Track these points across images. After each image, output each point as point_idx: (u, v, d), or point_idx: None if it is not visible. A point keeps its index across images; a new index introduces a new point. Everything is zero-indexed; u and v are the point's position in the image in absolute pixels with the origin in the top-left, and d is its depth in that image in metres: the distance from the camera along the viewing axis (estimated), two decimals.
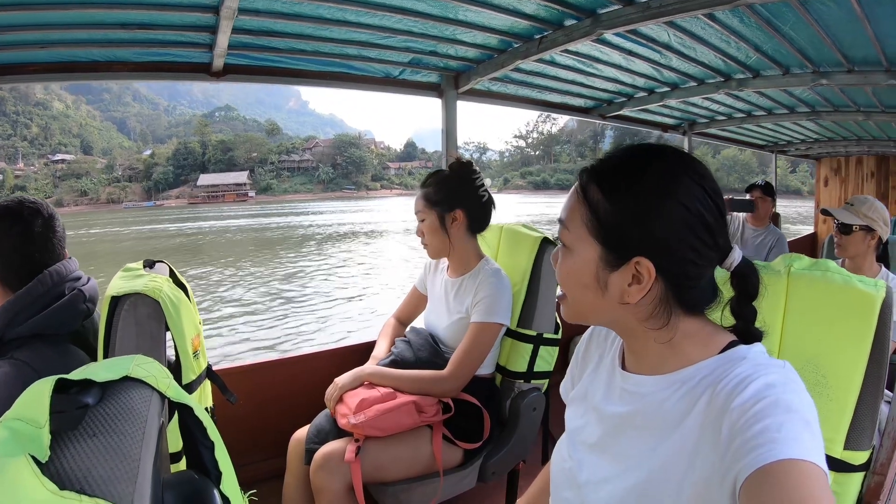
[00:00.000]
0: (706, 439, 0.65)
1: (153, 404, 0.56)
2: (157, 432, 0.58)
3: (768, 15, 1.88)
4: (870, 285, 0.99)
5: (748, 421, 0.59)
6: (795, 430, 0.57)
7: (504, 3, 1.88)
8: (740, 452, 0.58)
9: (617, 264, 0.71)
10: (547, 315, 1.88)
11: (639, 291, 0.70)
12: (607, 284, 0.72)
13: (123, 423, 0.48)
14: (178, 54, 2.05)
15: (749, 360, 0.67)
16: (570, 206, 0.75)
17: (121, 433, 0.46)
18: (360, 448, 1.55)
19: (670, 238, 0.68)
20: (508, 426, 1.85)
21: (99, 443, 0.43)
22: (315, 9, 1.81)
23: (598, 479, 0.78)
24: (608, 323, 0.78)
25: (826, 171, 6.86)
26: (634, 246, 0.69)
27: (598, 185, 0.72)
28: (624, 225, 0.70)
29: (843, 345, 0.98)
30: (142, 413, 0.52)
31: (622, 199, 0.70)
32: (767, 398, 0.60)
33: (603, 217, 0.71)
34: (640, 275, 0.69)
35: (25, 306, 1.21)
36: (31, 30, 1.66)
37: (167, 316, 1.26)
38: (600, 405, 0.83)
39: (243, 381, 1.90)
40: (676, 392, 0.71)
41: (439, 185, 1.79)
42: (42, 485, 0.35)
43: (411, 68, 2.56)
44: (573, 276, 0.75)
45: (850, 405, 0.96)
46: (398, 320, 2.09)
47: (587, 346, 0.95)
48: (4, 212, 1.26)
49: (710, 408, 0.66)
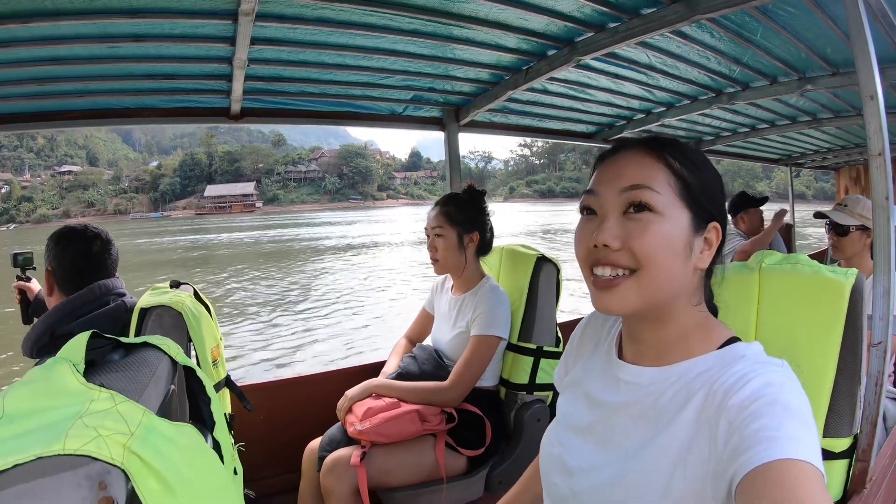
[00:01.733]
0: (701, 435, 0.65)
1: (164, 362, 0.74)
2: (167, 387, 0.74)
3: (734, 27, 1.99)
4: (839, 273, 1.02)
5: (746, 419, 0.60)
6: (793, 429, 0.57)
7: (489, 40, 2.05)
8: (737, 450, 0.58)
9: (701, 228, 0.73)
10: (546, 328, 1.97)
11: (709, 255, 0.74)
12: (692, 250, 0.72)
13: (138, 366, 0.66)
14: (199, 100, 2.28)
15: (748, 359, 0.68)
16: (648, 172, 0.72)
17: (135, 370, 0.64)
18: (366, 453, 1.64)
19: (724, 206, 0.77)
20: (514, 437, 1.91)
21: (119, 374, 0.61)
22: (318, 55, 2.01)
23: (587, 466, 0.78)
24: (667, 300, 0.73)
25: (846, 181, 6.73)
26: (711, 210, 0.74)
27: (675, 156, 0.73)
28: (706, 192, 0.73)
29: (816, 333, 1.01)
30: (153, 363, 0.70)
31: (698, 168, 0.74)
32: (766, 397, 0.61)
33: (692, 184, 0.72)
34: (711, 239, 0.74)
35: (75, 308, 1.44)
36: (71, 81, 1.90)
37: (189, 326, 1.43)
38: (593, 392, 0.83)
39: (260, 397, 2.01)
40: (673, 385, 0.72)
41: (461, 206, 1.94)
42: (76, 379, 0.52)
43: (414, 104, 2.74)
44: (667, 242, 0.70)
45: (826, 392, 0.99)
46: (408, 339, 2.21)
47: (582, 334, 0.96)
48: (71, 232, 1.52)
49: (706, 404, 0.67)
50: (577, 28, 1.94)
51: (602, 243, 0.71)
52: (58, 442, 0.41)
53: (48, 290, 1.52)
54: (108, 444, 0.43)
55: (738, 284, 1.12)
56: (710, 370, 0.70)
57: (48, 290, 1.52)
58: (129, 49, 1.74)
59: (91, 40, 1.63)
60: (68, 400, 0.47)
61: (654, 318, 0.75)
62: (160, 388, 0.68)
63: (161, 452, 0.48)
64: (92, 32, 1.60)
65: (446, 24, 1.83)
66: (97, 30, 1.59)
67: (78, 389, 0.50)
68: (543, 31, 1.98)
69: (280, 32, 1.76)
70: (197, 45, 1.75)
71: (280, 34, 1.78)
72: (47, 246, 1.51)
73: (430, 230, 1.94)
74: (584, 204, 0.77)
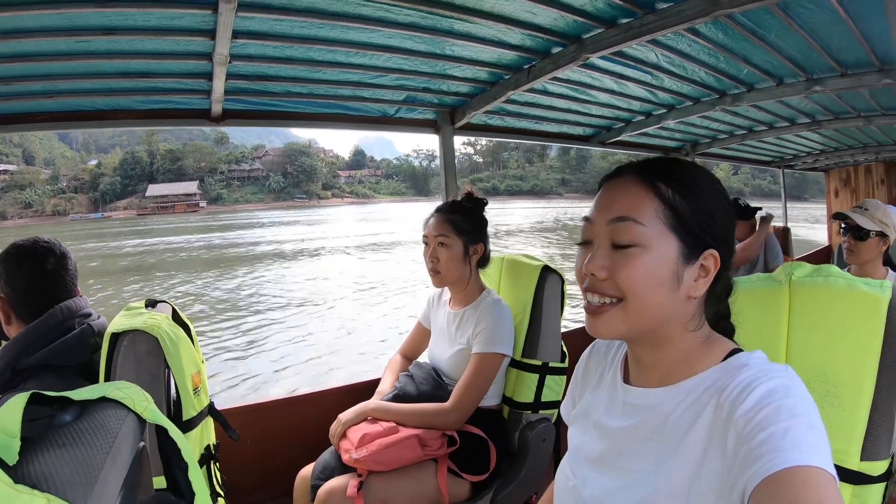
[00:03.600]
0: (713, 449, 0.65)
1: (127, 423, 0.61)
2: (134, 451, 0.60)
3: (751, 24, 1.90)
4: (874, 287, 0.97)
5: (753, 430, 0.60)
6: (800, 435, 0.57)
7: (490, 35, 1.93)
8: (747, 462, 0.58)
9: (692, 258, 0.72)
10: (552, 344, 1.87)
11: (705, 284, 0.73)
12: (682, 279, 0.72)
13: (92, 436, 0.53)
14: (178, 101, 2.12)
15: (751, 367, 0.68)
16: (635, 202, 0.72)
17: (88, 445, 0.51)
18: (363, 483, 1.54)
19: (725, 230, 0.74)
20: (518, 458, 1.82)
21: (66, 453, 0.48)
22: (306, 51, 1.87)
23: (602, 494, 0.77)
24: (656, 327, 0.74)
25: (835, 183, 6.80)
26: (706, 238, 0.72)
27: (666, 182, 0.72)
28: (700, 219, 0.72)
29: (852, 351, 0.95)
30: (112, 429, 0.57)
31: (694, 195, 0.72)
32: (770, 405, 0.61)
33: (682, 212, 0.71)
34: (707, 267, 0.73)
35: (37, 338, 1.27)
36: (37, 80, 1.74)
37: (166, 353, 1.28)
38: (602, 420, 0.83)
39: (247, 421, 1.89)
40: (681, 403, 0.72)
41: (467, 215, 1.83)
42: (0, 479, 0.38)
43: (407, 106, 2.61)
44: (651, 274, 0.70)
45: (864, 414, 0.93)
46: (403, 356, 2.10)
47: (587, 364, 0.96)
48: (19, 250, 1.33)
49: (715, 418, 0.67)
50: (587, 23, 1.83)
51: (590, 273, 0.74)
52: None
53: (5, 320, 1.35)
54: None
55: (765, 299, 1.06)
56: (716, 383, 0.70)
57: (5, 320, 1.35)
58: (100, 44, 1.59)
59: (57, 34, 1.48)
60: None
61: (650, 342, 0.76)
62: (122, 462, 0.56)
63: None
64: (58, 25, 1.45)
65: (447, 18, 1.71)
66: (63, 21, 1.44)
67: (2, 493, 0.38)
68: (550, 26, 1.87)
69: (265, 25, 1.62)
70: (174, 39, 1.59)
71: (265, 27, 1.63)
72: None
73: (431, 238, 1.82)
74: (582, 236, 0.79)
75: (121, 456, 0.55)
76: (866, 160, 6.13)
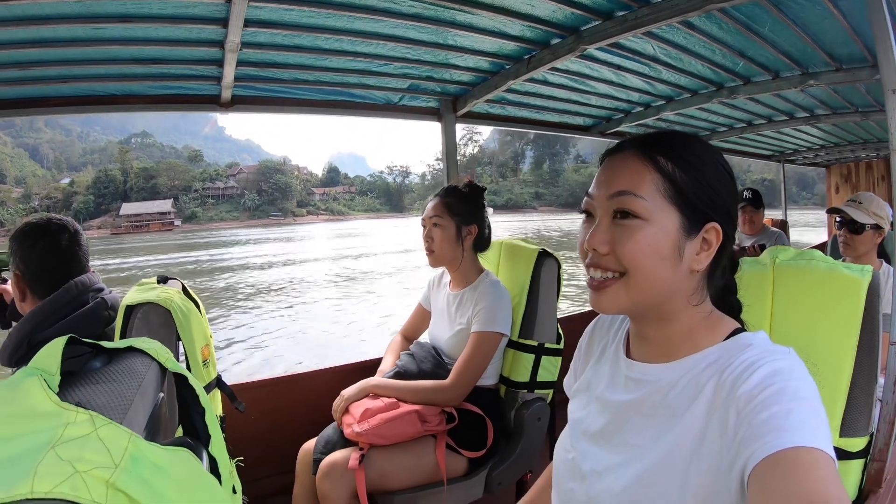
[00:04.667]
0: (713, 426, 0.65)
1: (152, 369, 0.66)
2: (156, 397, 0.66)
3: (744, 18, 1.94)
4: (855, 270, 0.99)
5: (755, 408, 0.59)
6: (803, 417, 0.57)
7: (491, 26, 1.98)
8: (747, 440, 0.58)
9: (694, 231, 0.71)
10: (548, 325, 1.92)
11: (707, 257, 0.72)
12: (683, 252, 0.71)
13: (123, 376, 0.58)
14: (188, 87, 2.18)
15: (755, 347, 0.68)
16: (635, 177, 0.71)
17: (119, 382, 0.56)
18: (364, 456, 1.58)
19: (728, 204, 0.73)
20: (514, 437, 1.86)
21: (100, 387, 0.53)
22: (313, 40, 1.93)
23: (601, 469, 0.77)
24: (659, 301, 0.73)
25: (836, 179, 6.78)
26: (708, 210, 0.71)
27: (665, 156, 0.71)
28: (701, 192, 0.71)
29: (832, 331, 0.98)
30: (140, 372, 0.62)
31: (694, 168, 0.71)
32: (774, 385, 0.60)
33: (682, 185, 0.70)
34: (710, 240, 0.72)
35: (52, 312, 1.32)
36: (53, 65, 1.79)
37: (177, 324, 1.34)
38: (604, 394, 0.83)
39: (253, 397, 1.94)
40: (682, 379, 0.71)
41: (462, 198, 1.88)
42: (48, 397, 0.43)
43: (410, 94, 2.66)
44: (653, 247, 0.69)
45: (843, 391, 0.97)
46: (404, 337, 2.15)
47: (590, 339, 0.95)
48: (33, 228, 1.37)
49: (716, 395, 0.66)
50: (584, 16, 1.88)
51: (592, 247, 0.73)
52: (24, 482, 0.34)
53: (20, 296, 1.39)
54: (86, 482, 0.36)
55: (751, 280, 1.09)
56: (718, 360, 0.69)
57: (20, 296, 1.39)
58: (116, 31, 1.64)
59: (75, 21, 1.53)
60: (38, 424, 0.40)
61: (654, 317, 0.75)
62: (147, 400, 0.61)
63: (152, 487, 0.41)
64: (76, 12, 1.50)
65: (449, 9, 1.76)
66: (82, 9, 1.49)
67: (50, 410, 0.42)
68: (549, 18, 1.91)
69: (275, 14, 1.68)
70: (187, 27, 1.65)
71: (275, 16, 1.69)
72: (10, 248, 1.37)
73: (427, 220, 1.88)
74: (583, 207, 0.78)
75: (147, 395, 0.61)
76: (867, 156, 6.11)
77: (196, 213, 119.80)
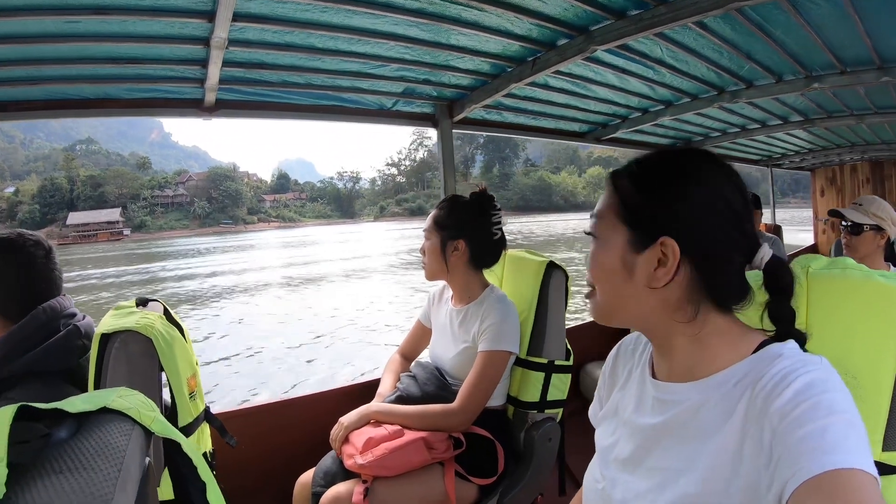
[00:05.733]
0: (749, 444, 0.63)
1: (134, 439, 0.50)
2: (141, 471, 0.51)
3: (759, 19, 1.88)
4: (891, 279, 0.95)
5: (789, 426, 0.57)
6: (840, 434, 0.54)
7: (497, 25, 1.88)
8: (784, 462, 0.56)
9: (643, 245, 0.71)
10: (557, 341, 1.83)
11: (665, 274, 0.70)
12: (634, 268, 0.72)
13: (97, 459, 0.43)
14: (169, 90, 2.02)
15: (785, 357, 0.65)
16: (603, 201, 0.78)
17: (93, 470, 0.41)
18: (369, 489, 1.48)
19: (693, 218, 0.70)
20: (524, 459, 1.77)
21: (66, 480, 0.38)
22: (306, 38, 1.80)
23: (633, 496, 0.75)
24: (636, 318, 0.76)
25: (821, 182, 6.90)
26: (659, 226, 0.70)
27: (627, 177, 0.75)
28: (649, 206, 0.71)
29: (871, 342, 0.93)
30: (119, 448, 0.47)
31: (648, 184, 0.73)
32: (808, 401, 0.58)
33: (630, 202, 0.73)
34: (666, 256, 0.70)
35: (19, 342, 1.16)
36: (23, 65, 1.64)
37: (160, 354, 1.20)
38: (632, 418, 0.81)
39: (244, 425, 1.81)
40: (712, 397, 0.69)
41: (451, 211, 1.79)
42: None
43: (405, 98, 2.55)
44: (601, 262, 0.75)
45: (885, 404, 0.91)
46: (403, 356, 2.03)
47: (614, 364, 0.94)
48: (7, 243, 1.22)
49: (749, 411, 0.64)
50: (597, 14, 1.78)
51: None
52: None
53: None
54: None
55: None
56: (748, 375, 0.67)
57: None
58: (90, 25, 1.49)
59: (46, 12, 1.38)
60: None
61: (650, 334, 0.78)
62: (131, 488, 0.47)
63: None
64: (47, 3, 1.35)
65: (455, 4, 1.65)
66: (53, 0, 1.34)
67: None
68: (560, 16, 1.82)
69: (266, 7, 1.54)
70: (169, 21, 1.50)
71: (266, 9, 1.55)
72: None
73: (424, 233, 1.83)
74: None
75: (130, 480, 0.47)
76: (852, 159, 6.21)
77: (145, 222, 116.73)
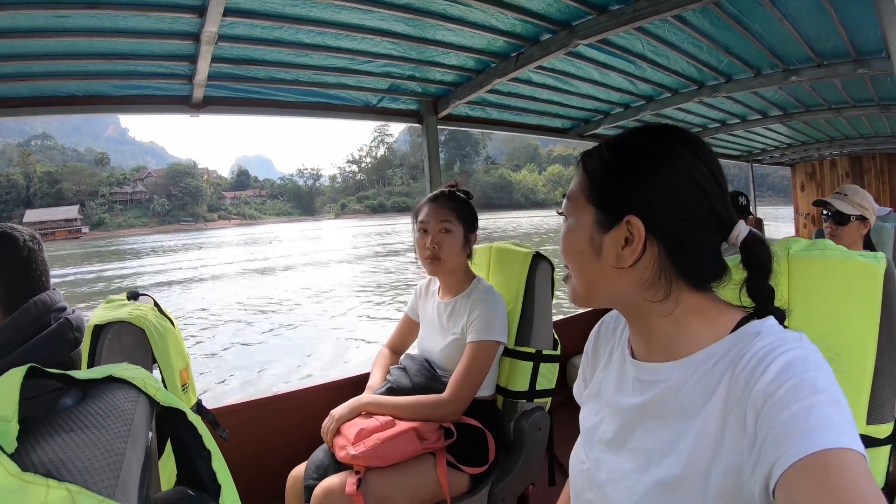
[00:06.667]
0: (731, 426, 0.62)
1: (140, 406, 0.50)
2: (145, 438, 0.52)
3: (737, 13, 1.93)
4: (869, 257, 0.98)
5: (773, 407, 0.57)
6: (825, 413, 0.54)
7: (482, 20, 1.90)
8: (769, 444, 0.55)
9: (609, 225, 0.71)
10: (545, 331, 1.85)
11: (631, 253, 0.69)
12: (601, 247, 0.71)
13: (106, 419, 0.43)
14: (158, 86, 2.02)
15: (764, 335, 0.65)
16: (574, 181, 0.77)
17: (104, 428, 0.41)
18: (362, 480, 1.48)
19: (659, 198, 0.69)
20: (514, 449, 1.79)
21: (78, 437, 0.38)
22: (294, 33, 1.81)
23: (618, 476, 0.75)
24: (611, 298, 0.76)
25: (801, 177, 7.02)
26: (624, 205, 0.70)
27: (596, 157, 0.74)
28: (614, 185, 0.71)
29: (852, 319, 0.96)
30: (127, 411, 0.46)
31: (614, 163, 0.72)
32: (791, 381, 0.57)
33: (598, 182, 0.73)
34: (632, 235, 0.69)
35: (11, 336, 1.17)
36: (11, 61, 1.63)
37: (153, 345, 1.20)
38: (614, 399, 0.81)
39: (235, 421, 1.80)
40: (692, 377, 0.68)
41: (467, 205, 1.80)
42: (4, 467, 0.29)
43: (390, 95, 2.57)
44: (570, 242, 0.75)
45: (868, 379, 0.95)
46: (391, 350, 2.03)
47: (595, 342, 0.94)
48: (8, 237, 1.23)
49: (731, 392, 0.63)
50: (580, 8, 1.82)
51: None
52: None
53: None
54: None
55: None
56: (728, 354, 0.66)
57: None
58: (81, 20, 1.49)
59: (36, 6, 1.37)
60: None
61: (625, 312, 0.78)
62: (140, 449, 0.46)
63: None
64: None
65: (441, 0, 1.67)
66: None
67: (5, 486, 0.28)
68: (543, 11, 1.85)
69: (257, 2, 1.56)
70: (159, 16, 1.51)
71: (257, 4, 1.57)
72: None
73: (432, 224, 1.75)
74: None
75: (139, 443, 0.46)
76: (831, 154, 6.33)
77: (104, 220, 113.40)
